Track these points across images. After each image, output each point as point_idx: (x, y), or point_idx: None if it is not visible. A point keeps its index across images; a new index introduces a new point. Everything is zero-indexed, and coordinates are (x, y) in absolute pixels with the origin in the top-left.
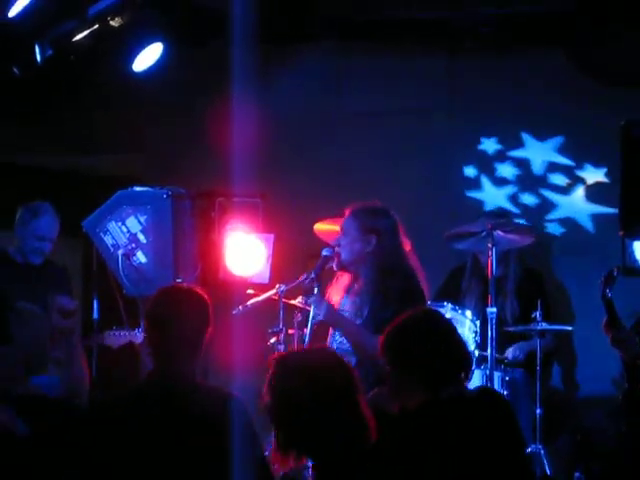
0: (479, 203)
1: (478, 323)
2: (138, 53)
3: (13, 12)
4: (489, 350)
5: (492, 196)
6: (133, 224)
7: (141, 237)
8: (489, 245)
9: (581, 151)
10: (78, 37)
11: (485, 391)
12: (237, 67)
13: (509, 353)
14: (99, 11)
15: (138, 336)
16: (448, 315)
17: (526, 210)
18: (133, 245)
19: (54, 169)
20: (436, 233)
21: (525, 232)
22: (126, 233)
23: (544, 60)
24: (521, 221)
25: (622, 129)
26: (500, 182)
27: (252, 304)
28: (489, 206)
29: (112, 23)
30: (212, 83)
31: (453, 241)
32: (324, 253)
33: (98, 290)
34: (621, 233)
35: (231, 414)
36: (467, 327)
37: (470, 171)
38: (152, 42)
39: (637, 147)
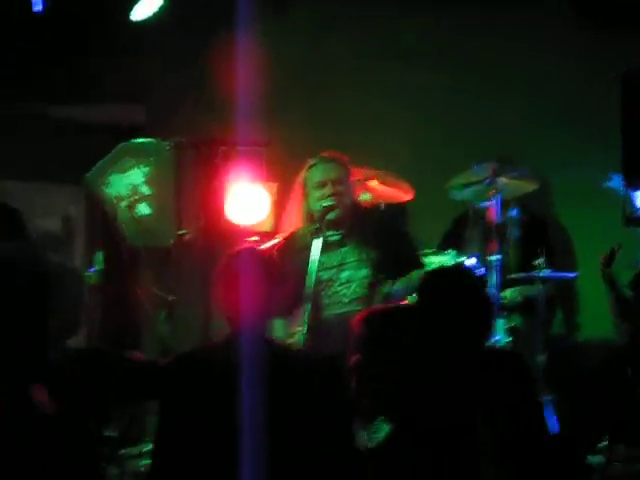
0: None
1: (482, 271)
2: (137, 1)
3: None
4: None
5: None
6: (136, 176)
7: (144, 189)
8: (492, 192)
9: None
10: None
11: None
12: (239, 14)
13: (507, 293)
14: None
15: None
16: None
17: None
18: (136, 197)
19: (55, 118)
20: (436, 184)
21: (529, 178)
22: (129, 185)
23: None
24: None
25: (621, 78)
26: None
27: None
28: None
29: None
30: (214, 31)
31: (455, 190)
32: (324, 204)
33: (102, 241)
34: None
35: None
36: None
37: None
38: None
39: (637, 97)
